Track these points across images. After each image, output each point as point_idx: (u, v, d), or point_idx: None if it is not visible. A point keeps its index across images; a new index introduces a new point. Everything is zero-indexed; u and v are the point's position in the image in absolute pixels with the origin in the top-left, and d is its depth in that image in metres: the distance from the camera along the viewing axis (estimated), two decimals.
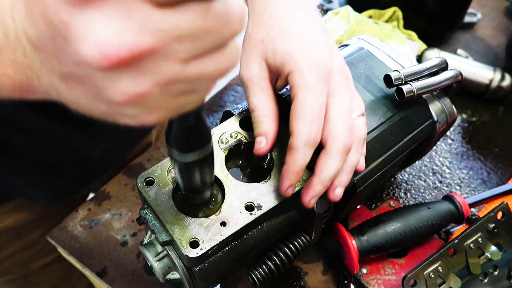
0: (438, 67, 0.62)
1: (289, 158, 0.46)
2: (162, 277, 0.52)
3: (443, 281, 0.60)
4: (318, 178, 0.47)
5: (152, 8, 0.22)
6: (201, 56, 0.25)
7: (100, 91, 0.26)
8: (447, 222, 0.66)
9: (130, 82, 0.24)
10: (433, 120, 0.63)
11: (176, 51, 0.24)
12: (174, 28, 0.23)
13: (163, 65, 0.24)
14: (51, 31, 0.24)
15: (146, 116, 0.27)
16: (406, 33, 1.01)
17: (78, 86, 0.27)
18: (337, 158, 0.46)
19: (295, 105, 0.45)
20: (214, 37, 0.25)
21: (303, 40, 0.47)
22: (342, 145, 0.46)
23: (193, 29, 0.24)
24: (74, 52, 0.23)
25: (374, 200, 0.77)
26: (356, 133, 0.48)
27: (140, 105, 0.26)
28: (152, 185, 0.49)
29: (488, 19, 1.16)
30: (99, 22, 0.22)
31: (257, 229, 0.51)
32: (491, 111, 0.95)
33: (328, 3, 1.13)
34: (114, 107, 0.26)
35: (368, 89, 0.60)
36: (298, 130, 0.45)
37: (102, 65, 0.23)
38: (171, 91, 0.26)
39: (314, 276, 0.69)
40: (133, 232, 0.73)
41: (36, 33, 0.25)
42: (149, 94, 0.25)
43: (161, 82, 0.25)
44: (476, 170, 0.84)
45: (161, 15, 0.23)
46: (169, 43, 0.23)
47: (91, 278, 0.73)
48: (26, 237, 0.84)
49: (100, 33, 0.22)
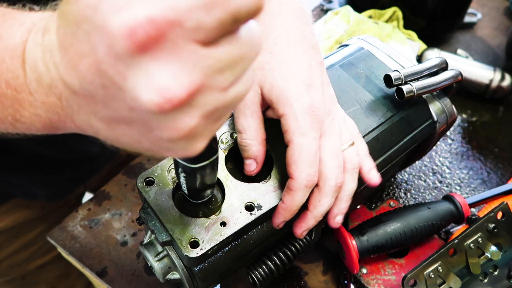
0: (438, 67, 0.62)
1: (288, 198, 0.48)
2: (162, 277, 0.52)
3: (443, 281, 0.60)
4: (311, 214, 0.50)
5: (199, 48, 0.24)
6: (236, 81, 0.27)
7: (151, 131, 0.27)
8: (447, 222, 0.66)
9: (184, 119, 0.26)
10: (433, 120, 0.63)
11: (219, 82, 0.26)
12: (218, 62, 0.25)
13: (209, 97, 0.26)
14: (103, 82, 0.25)
15: (192, 147, 0.29)
16: (406, 33, 1.01)
17: (123, 127, 0.28)
18: (329, 196, 0.49)
19: (292, 149, 0.47)
20: (245, 61, 0.27)
21: (300, 82, 0.48)
22: (334, 184, 0.49)
23: (231, 59, 0.26)
24: (131, 100, 0.25)
25: (374, 200, 0.77)
26: (350, 163, 0.50)
27: (189, 138, 0.27)
28: (152, 185, 0.49)
29: (488, 19, 1.16)
30: (156, 70, 0.24)
31: (257, 229, 0.51)
32: (491, 111, 0.95)
33: (328, 3, 1.13)
34: (163, 143, 0.28)
35: (368, 89, 0.60)
36: (297, 174, 0.47)
37: (164, 109, 0.24)
38: (213, 118, 0.28)
39: (314, 276, 0.69)
40: (133, 232, 0.73)
41: (81, 82, 0.26)
42: (199, 126, 0.27)
43: (208, 113, 0.27)
44: (476, 170, 0.84)
45: (206, 52, 0.24)
46: (214, 75, 0.25)
47: (91, 278, 0.73)
48: (24, 237, 0.84)
49: (159, 80, 0.24)
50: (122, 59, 0.23)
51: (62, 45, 0.26)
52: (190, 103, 0.25)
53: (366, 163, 0.52)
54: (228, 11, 0.23)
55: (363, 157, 0.52)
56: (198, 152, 0.29)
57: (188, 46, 0.24)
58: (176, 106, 0.24)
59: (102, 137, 0.30)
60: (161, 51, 0.23)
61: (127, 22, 0.22)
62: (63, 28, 0.26)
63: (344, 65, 0.63)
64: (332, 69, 0.62)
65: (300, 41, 0.50)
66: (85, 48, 0.24)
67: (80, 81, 0.26)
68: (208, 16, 0.23)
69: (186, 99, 0.25)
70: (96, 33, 0.23)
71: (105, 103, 0.27)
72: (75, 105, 0.29)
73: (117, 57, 0.23)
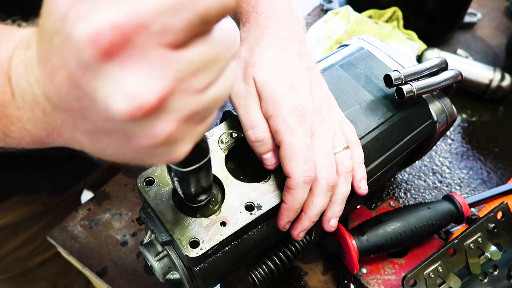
0: (438, 67, 0.62)
1: (289, 198, 0.48)
2: (162, 277, 0.52)
3: (443, 281, 0.60)
4: (306, 215, 0.50)
5: (168, 51, 0.24)
6: (213, 82, 0.27)
7: (130, 139, 0.27)
8: (447, 222, 0.66)
9: (160, 124, 0.25)
10: (433, 120, 0.63)
11: (193, 84, 0.25)
12: (189, 64, 0.25)
13: (185, 100, 0.26)
14: (77, 93, 0.25)
15: (175, 151, 0.28)
16: (406, 33, 1.01)
17: (104, 139, 0.28)
18: (322, 195, 0.49)
19: (285, 149, 0.48)
20: (220, 62, 0.26)
21: (287, 83, 0.49)
22: (325, 184, 0.49)
23: (204, 60, 0.25)
24: (103, 110, 0.24)
25: (374, 200, 0.77)
26: (343, 166, 0.50)
27: (170, 143, 0.27)
28: (152, 185, 0.49)
29: (488, 19, 1.16)
30: (124, 77, 0.23)
31: (257, 229, 0.51)
32: (491, 111, 0.95)
33: (328, 3, 1.13)
34: (144, 151, 0.27)
35: (368, 89, 0.60)
36: (294, 171, 0.47)
37: (135, 116, 0.24)
38: (193, 122, 0.27)
39: (314, 276, 0.69)
40: (133, 232, 0.73)
41: (58, 96, 0.26)
42: (177, 130, 0.26)
43: (186, 116, 0.26)
44: (476, 170, 0.84)
45: (176, 55, 0.24)
46: (187, 78, 0.25)
47: (91, 278, 0.73)
48: (24, 233, 0.85)
49: (127, 87, 0.23)
50: (90, 68, 0.23)
51: (40, 59, 0.26)
52: (164, 108, 0.25)
53: (359, 171, 0.53)
54: (195, 12, 0.23)
55: (357, 165, 0.53)
56: (182, 156, 0.29)
57: (156, 50, 0.23)
58: (148, 112, 0.24)
59: (88, 150, 0.30)
60: (128, 57, 0.23)
61: (90, 29, 0.22)
62: (40, 42, 0.26)
63: (344, 65, 0.63)
64: (332, 69, 0.62)
65: (288, 49, 0.51)
66: (59, 61, 0.24)
67: (58, 95, 0.26)
68: (175, 19, 0.23)
69: (158, 105, 0.24)
70: (65, 44, 0.23)
71: (83, 116, 0.26)
72: (58, 119, 0.29)
73: (85, 67, 0.23)
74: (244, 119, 0.50)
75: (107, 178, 0.81)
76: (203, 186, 0.42)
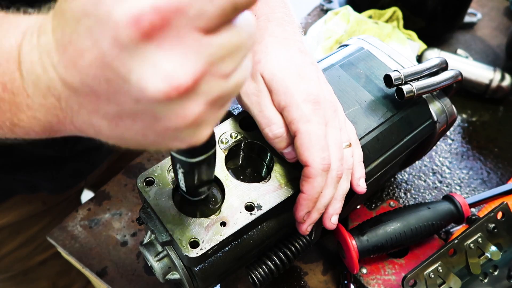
0: (438, 67, 0.62)
1: (307, 187, 0.48)
2: (162, 277, 0.52)
3: (443, 281, 0.60)
4: (315, 207, 0.50)
5: (201, 35, 0.25)
6: (236, 68, 0.28)
7: (157, 121, 0.27)
8: (447, 222, 0.66)
9: (190, 106, 0.26)
10: (433, 120, 0.63)
11: (221, 69, 0.27)
12: (219, 50, 0.26)
13: (213, 84, 0.27)
14: (106, 75, 0.25)
15: (198, 134, 0.29)
16: (406, 33, 1.01)
17: (127, 121, 0.28)
18: (331, 187, 0.49)
19: (301, 137, 0.47)
20: (244, 50, 0.27)
21: (296, 74, 0.49)
22: (335, 175, 0.49)
23: (231, 47, 0.26)
24: (137, 91, 0.25)
25: (374, 200, 0.77)
26: (346, 163, 0.50)
27: (196, 125, 0.28)
28: (152, 185, 0.49)
29: (488, 19, 1.16)
30: (161, 57, 0.24)
31: (257, 229, 0.51)
32: (491, 111, 0.95)
33: (328, 3, 1.13)
34: (170, 133, 0.28)
35: (368, 89, 0.60)
36: (312, 159, 0.47)
37: (171, 96, 0.25)
38: (217, 106, 0.28)
39: (314, 276, 0.69)
40: (133, 232, 0.73)
41: (81, 79, 0.26)
42: (204, 113, 0.27)
43: (212, 100, 0.27)
44: (476, 170, 0.84)
45: (208, 40, 0.25)
46: (217, 63, 0.26)
47: (91, 278, 0.73)
48: (25, 233, 0.85)
49: (164, 68, 0.24)
50: (127, 49, 0.23)
51: (60, 44, 0.26)
52: (196, 90, 0.26)
53: (358, 169, 0.53)
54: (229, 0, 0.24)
55: (357, 163, 0.53)
56: (204, 139, 0.30)
57: (191, 34, 0.24)
58: (183, 93, 0.25)
59: (104, 136, 0.30)
60: (165, 39, 0.24)
61: (132, 11, 0.22)
62: (60, 27, 0.26)
63: (344, 65, 0.63)
64: (332, 69, 0.62)
65: (289, 46, 0.52)
66: (87, 43, 0.24)
67: (82, 78, 0.26)
68: (210, 5, 0.24)
69: (192, 86, 0.25)
70: (99, 25, 0.23)
71: (109, 98, 0.27)
72: (75, 105, 0.29)
73: (122, 47, 0.23)
74: (259, 118, 0.50)
75: (107, 178, 0.81)
76: (206, 178, 0.42)
